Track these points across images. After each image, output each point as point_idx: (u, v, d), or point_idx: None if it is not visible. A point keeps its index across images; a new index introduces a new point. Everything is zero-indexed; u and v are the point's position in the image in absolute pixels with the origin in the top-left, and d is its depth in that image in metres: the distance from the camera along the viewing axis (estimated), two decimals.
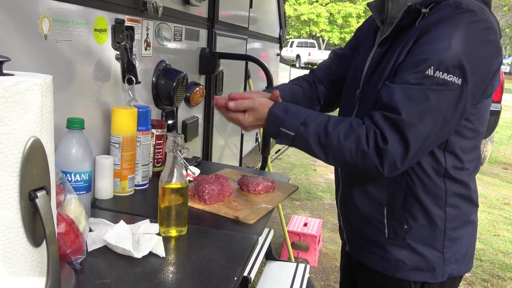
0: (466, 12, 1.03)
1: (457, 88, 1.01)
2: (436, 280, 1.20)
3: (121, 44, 1.42)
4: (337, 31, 31.02)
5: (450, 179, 1.15)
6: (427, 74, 1.01)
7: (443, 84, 1.01)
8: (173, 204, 1.14)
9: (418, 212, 1.17)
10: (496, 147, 7.99)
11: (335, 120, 1.11)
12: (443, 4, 1.07)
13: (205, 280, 0.94)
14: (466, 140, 1.14)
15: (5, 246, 0.65)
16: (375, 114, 1.06)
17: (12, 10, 1.02)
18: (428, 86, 1.01)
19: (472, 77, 1.02)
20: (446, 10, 1.05)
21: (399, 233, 1.19)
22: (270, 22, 3.83)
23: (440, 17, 1.05)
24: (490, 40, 1.04)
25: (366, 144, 1.05)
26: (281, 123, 1.13)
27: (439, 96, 1.01)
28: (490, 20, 1.05)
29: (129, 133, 1.38)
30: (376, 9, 1.24)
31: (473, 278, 3.26)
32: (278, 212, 3.13)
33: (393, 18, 1.17)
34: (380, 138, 1.04)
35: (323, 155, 1.11)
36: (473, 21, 1.03)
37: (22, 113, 0.63)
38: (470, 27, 1.02)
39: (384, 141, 1.04)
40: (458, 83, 1.01)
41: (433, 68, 1.01)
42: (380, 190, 1.19)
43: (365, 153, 1.05)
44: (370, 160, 1.05)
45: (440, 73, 1.00)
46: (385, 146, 1.03)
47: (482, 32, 1.03)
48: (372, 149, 1.04)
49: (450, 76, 1.00)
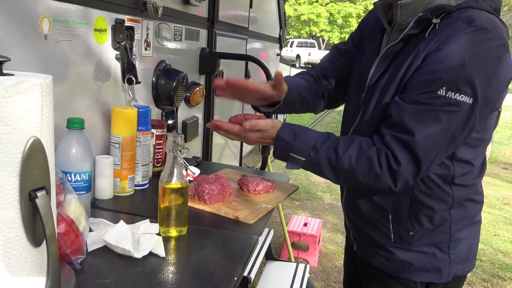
0: (479, 30, 1.00)
1: (468, 108, 1.00)
2: (442, 280, 1.20)
3: (121, 44, 1.42)
4: (337, 31, 31.00)
5: (457, 185, 1.15)
6: (439, 94, 1.00)
7: (454, 105, 1.00)
8: (173, 204, 1.14)
9: (424, 217, 1.17)
10: (496, 147, 7.99)
11: (344, 141, 1.11)
12: (455, 17, 1.04)
13: (205, 280, 0.94)
14: (473, 149, 1.14)
15: (5, 246, 0.65)
16: (385, 134, 1.07)
17: (12, 10, 1.02)
18: (440, 107, 1.01)
19: (483, 96, 1.01)
20: (458, 26, 1.02)
21: (405, 238, 1.19)
22: (270, 22, 3.83)
23: (451, 34, 1.02)
24: (502, 57, 1.02)
25: (379, 167, 1.06)
26: (291, 149, 1.13)
27: (450, 117, 1.01)
28: (503, 36, 1.03)
29: (129, 133, 1.38)
30: (382, 9, 1.20)
31: (473, 278, 3.26)
32: (278, 212, 3.13)
33: (402, 25, 1.14)
34: (393, 159, 1.05)
35: (334, 178, 1.13)
36: (485, 39, 1.00)
37: (22, 113, 0.63)
38: (483, 46, 1.00)
39: (396, 163, 1.05)
40: (469, 103, 1.00)
41: (445, 89, 0.99)
42: (385, 197, 1.19)
43: (378, 175, 1.07)
44: (384, 181, 1.07)
45: (452, 94, 0.99)
46: (398, 168, 1.05)
47: (494, 50, 1.01)
48: (385, 171, 1.06)
49: (462, 96, 0.99)
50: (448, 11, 1.06)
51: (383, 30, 1.25)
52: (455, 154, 1.12)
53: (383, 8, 1.20)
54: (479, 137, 1.13)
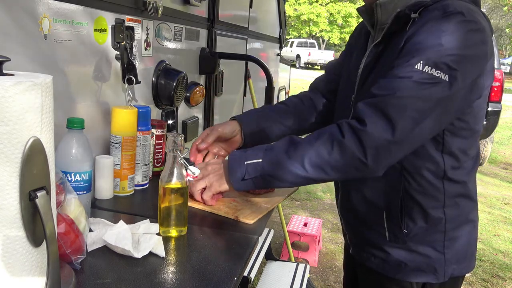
0: (454, 14, 1.03)
1: (445, 85, 1.01)
2: (438, 280, 1.20)
3: (121, 44, 1.42)
4: (337, 31, 31.02)
5: (448, 180, 1.15)
6: (416, 68, 1.01)
7: (431, 79, 1.01)
8: (173, 204, 1.14)
9: (417, 214, 1.17)
10: (496, 147, 7.99)
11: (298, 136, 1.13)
12: (431, 9, 1.07)
13: (205, 280, 0.94)
14: (463, 140, 1.14)
15: (5, 246, 0.65)
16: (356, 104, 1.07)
17: (12, 10, 1.02)
18: (416, 79, 1.01)
19: (461, 76, 1.02)
20: (434, 14, 1.06)
21: (399, 236, 1.19)
22: (270, 22, 3.83)
23: (429, 19, 1.05)
24: (478, 40, 1.04)
25: (340, 135, 1.04)
26: (245, 158, 1.13)
27: (427, 88, 1.01)
28: (479, 21, 1.05)
29: (129, 133, 1.38)
30: (366, 14, 1.24)
31: (473, 278, 3.26)
32: (278, 212, 3.13)
33: (383, 24, 1.17)
34: (356, 122, 1.03)
35: (299, 169, 1.07)
36: (461, 21, 1.03)
37: (22, 113, 0.63)
38: (458, 27, 1.02)
39: (361, 124, 1.02)
40: (445, 79, 1.01)
41: (422, 63, 1.01)
42: (378, 195, 1.19)
43: (341, 143, 1.03)
44: (349, 149, 1.02)
45: (428, 68, 1.01)
46: (363, 127, 1.01)
47: (471, 33, 1.03)
48: (349, 135, 1.03)
49: (438, 72, 1.01)
50: (425, 5, 1.08)
51: (367, 34, 1.29)
52: (445, 146, 1.12)
53: (367, 13, 1.24)
54: (467, 127, 1.13)
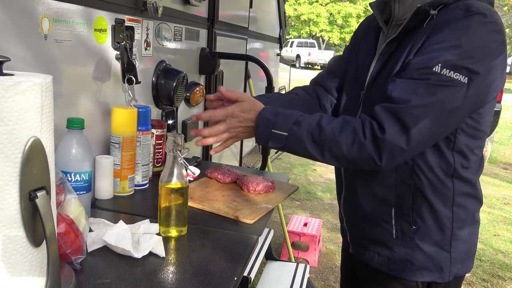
0: (477, 14, 1.02)
1: (463, 86, 1.01)
2: (443, 279, 1.20)
3: (121, 44, 1.42)
4: (337, 31, 31.01)
5: (458, 178, 1.16)
6: (434, 71, 1.01)
7: (449, 81, 1.01)
8: (173, 204, 1.14)
9: (426, 212, 1.17)
10: (496, 147, 7.99)
11: (328, 117, 1.10)
12: (452, 7, 1.07)
13: (205, 280, 0.94)
14: (472, 139, 1.14)
15: (5, 246, 0.65)
16: (375, 108, 1.06)
17: (12, 10, 1.02)
18: (434, 81, 1.01)
19: (480, 78, 1.02)
20: (456, 13, 1.05)
21: (407, 233, 1.19)
22: (270, 22, 3.83)
23: (450, 19, 1.05)
24: (499, 42, 1.04)
25: (363, 135, 1.04)
26: (273, 125, 1.11)
27: (445, 92, 1.01)
28: (500, 23, 1.05)
29: (129, 133, 1.38)
30: (378, 8, 1.23)
31: (473, 278, 3.26)
32: (278, 212, 3.13)
33: (400, 20, 1.16)
34: (377, 127, 1.03)
35: (318, 153, 1.09)
36: (483, 22, 1.02)
37: (22, 113, 0.63)
38: (480, 29, 1.02)
39: (381, 131, 1.03)
40: (464, 82, 1.01)
41: (440, 66, 1.01)
42: (388, 191, 1.18)
43: (361, 144, 1.04)
44: (367, 151, 1.04)
45: (447, 71, 1.00)
46: (382, 135, 1.02)
47: (492, 34, 1.03)
48: (369, 140, 1.03)
49: (456, 75, 1.00)
50: (446, 3, 1.08)
51: (377, 30, 1.27)
52: (456, 144, 1.12)
53: (378, 8, 1.23)
54: (478, 127, 1.13)
